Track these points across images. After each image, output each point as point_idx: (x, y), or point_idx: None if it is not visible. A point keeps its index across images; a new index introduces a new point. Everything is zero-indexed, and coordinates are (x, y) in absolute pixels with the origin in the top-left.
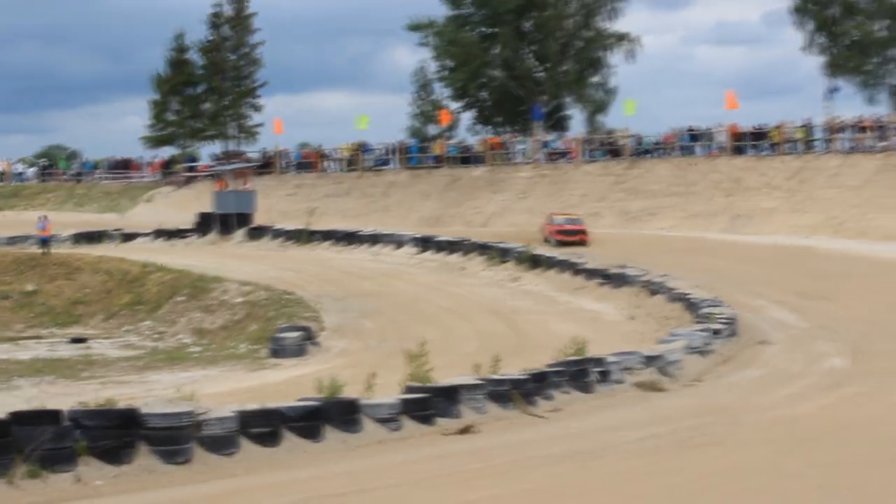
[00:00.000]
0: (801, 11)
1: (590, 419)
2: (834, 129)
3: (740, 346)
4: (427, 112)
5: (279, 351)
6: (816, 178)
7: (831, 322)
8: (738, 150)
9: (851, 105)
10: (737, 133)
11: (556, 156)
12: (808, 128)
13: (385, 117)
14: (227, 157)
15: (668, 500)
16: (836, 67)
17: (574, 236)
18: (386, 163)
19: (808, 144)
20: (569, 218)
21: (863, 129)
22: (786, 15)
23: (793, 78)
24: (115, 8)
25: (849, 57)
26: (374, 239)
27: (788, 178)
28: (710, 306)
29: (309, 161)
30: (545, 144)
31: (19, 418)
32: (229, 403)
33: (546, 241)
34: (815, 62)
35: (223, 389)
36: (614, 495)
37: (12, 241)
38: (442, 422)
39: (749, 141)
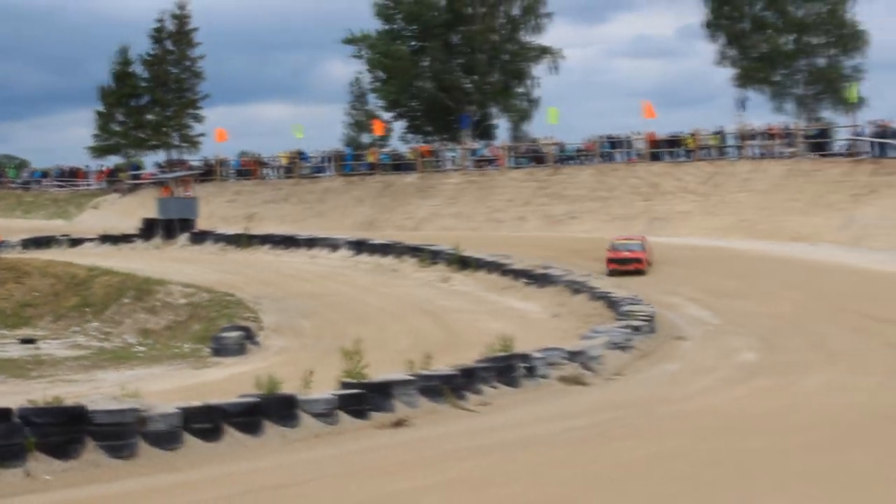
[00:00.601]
0: (712, 26)
1: (516, 412)
2: (745, 136)
3: (658, 342)
4: (361, 122)
5: (221, 350)
6: (728, 182)
7: (743, 318)
8: (655, 157)
9: (761, 114)
10: (654, 140)
11: (483, 163)
12: (720, 135)
13: (321, 127)
14: (170, 165)
15: (589, 488)
16: (746, 79)
17: (628, 265)
18: (322, 170)
19: (721, 151)
20: (625, 243)
21: (771, 137)
22: (698, 29)
23: (706, 89)
24: (61, 22)
25: (758, 69)
26: (310, 243)
27: (702, 183)
28: (630, 304)
29: (248, 169)
30: (473, 152)
31: None
32: (173, 400)
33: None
34: (726, 74)
35: (167, 387)
36: (538, 484)
37: None
38: (376, 416)
39: (665, 148)
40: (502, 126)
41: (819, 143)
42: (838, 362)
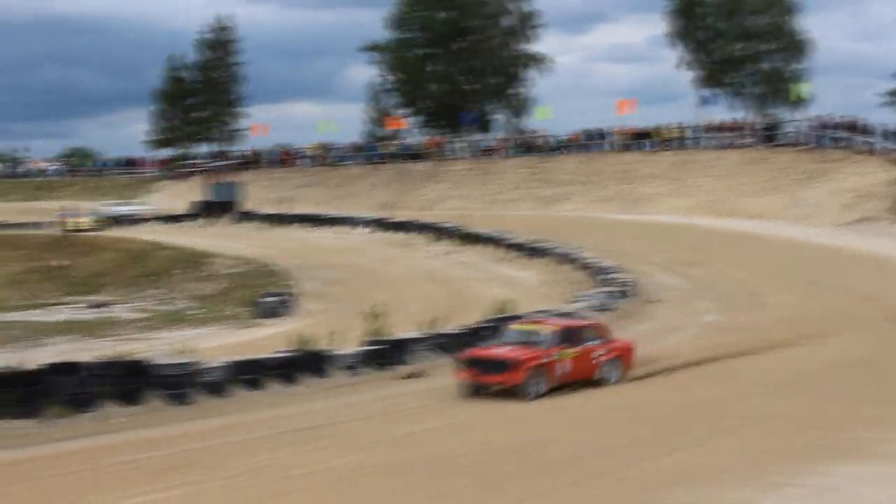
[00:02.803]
0: (673, 36)
1: None
2: (706, 129)
3: (636, 305)
4: (379, 118)
5: (261, 313)
6: (693, 168)
7: (707, 285)
8: (629, 147)
9: (719, 110)
10: (627, 133)
11: (484, 152)
12: (681, 129)
13: (345, 122)
14: (216, 155)
15: (571, 429)
16: (706, 80)
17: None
18: (346, 159)
19: (682, 141)
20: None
21: (729, 130)
22: (664, 39)
23: (671, 89)
24: (125, 34)
25: (716, 72)
26: (336, 221)
27: (670, 169)
28: (611, 272)
29: (283, 158)
30: (476, 143)
31: (50, 369)
32: (222, 355)
33: None
34: (688, 76)
35: (217, 344)
36: (524, 428)
37: (42, 225)
38: (394, 368)
39: (637, 139)
40: (500, 121)
41: (769, 136)
42: (786, 321)
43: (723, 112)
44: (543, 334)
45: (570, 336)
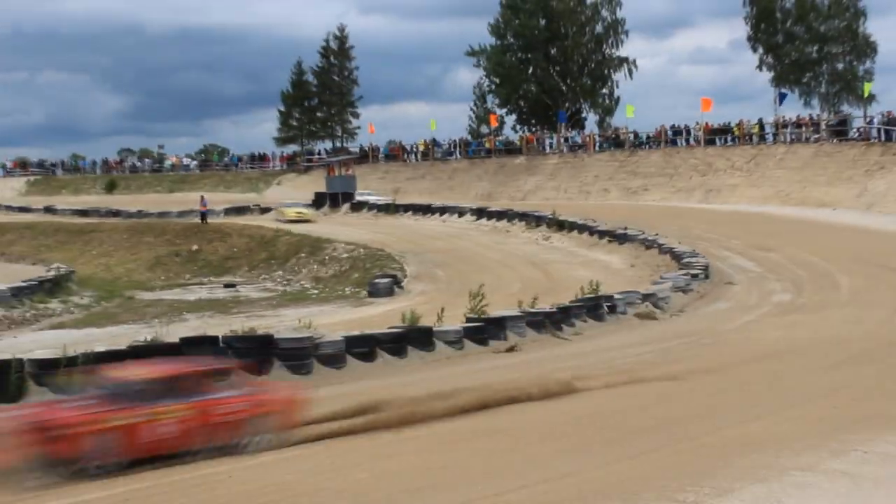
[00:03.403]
0: (753, 39)
1: (601, 340)
2: (781, 125)
3: (712, 286)
4: (481, 116)
5: (374, 292)
6: (768, 161)
7: (779, 268)
8: (710, 142)
9: (794, 107)
10: (708, 129)
11: (576, 147)
12: (760, 125)
13: (451, 121)
14: (335, 151)
15: (658, 399)
16: (781, 80)
17: None
18: (451, 154)
19: (761, 137)
20: None
21: (801, 125)
22: (744, 42)
23: (750, 88)
24: (253, 42)
25: (790, 72)
26: (442, 210)
27: (747, 162)
28: (690, 257)
29: (394, 153)
30: (567, 139)
31: (188, 342)
32: (339, 330)
33: None
34: (765, 77)
35: (334, 321)
36: (620, 396)
37: (182, 214)
38: (493, 343)
39: (718, 135)
40: (590, 119)
41: (839, 131)
42: (854, 302)
43: (797, 109)
44: (130, 384)
45: (176, 386)
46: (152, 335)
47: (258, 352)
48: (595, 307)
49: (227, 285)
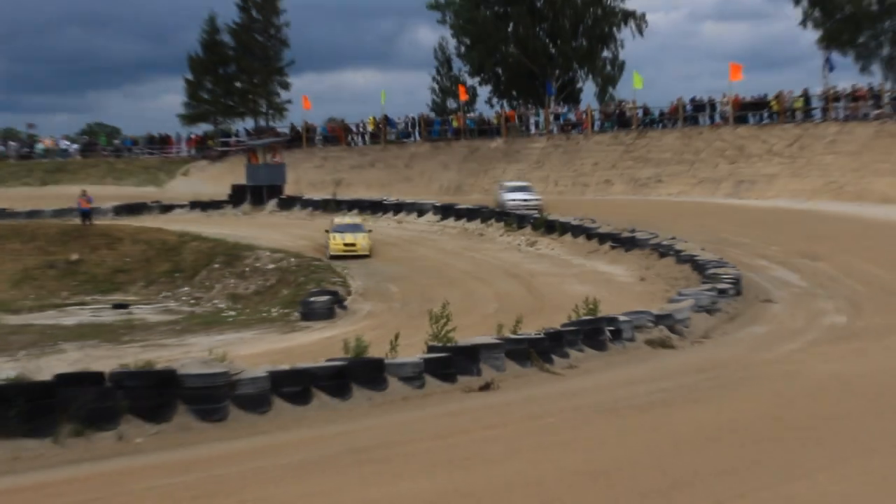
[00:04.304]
0: None
1: (603, 375)
2: (831, 98)
3: (745, 305)
4: (447, 87)
5: (309, 314)
6: (815, 144)
7: (831, 281)
8: (741, 120)
9: (847, 76)
10: (739, 103)
11: (568, 127)
12: (806, 97)
13: (408, 93)
14: (258, 132)
15: (674, 452)
16: (831, 41)
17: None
18: (408, 135)
19: (807, 113)
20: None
21: (857, 98)
22: None
23: (793, 51)
24: None
25: (843, 30)
26: (397, 207)
27: (789, 145)
28: (716, 267)
29: (335, 135)
30: (558, 116)
31: (64, 380)
32: (262, 364)
33: None
34: (811, 36)
35: (257, 351)
36: (626, 446)
37: (58, 213)
38: (463, 379)
39: (750, 111)
40: (587, 90)
41: None
42: None
43: (852, 77)
44: None
45: None
46: (16, 371)
47: (157, 393)
48: (594, 332)
49: (116, 306)
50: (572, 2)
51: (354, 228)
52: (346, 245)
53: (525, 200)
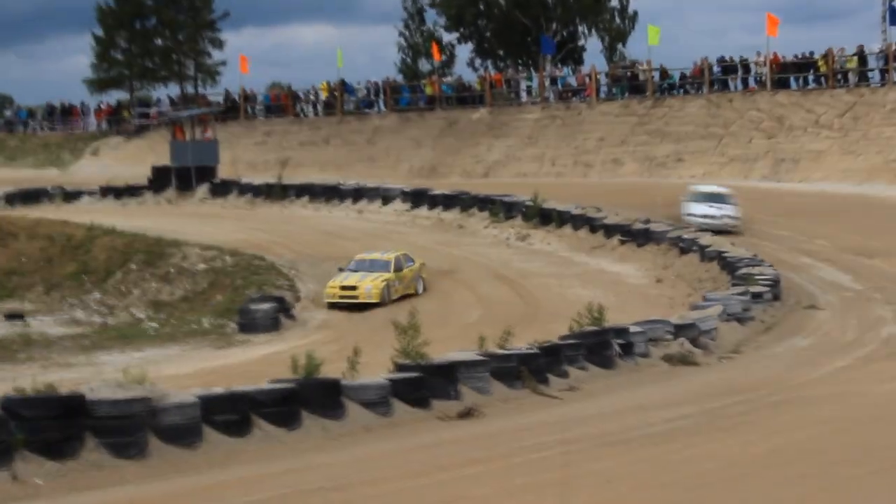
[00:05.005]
0: None
1: (610, 399)
2: (892, 57)
3: (785, 312)
4: (418, 45)
5: (249, 325)
6: (872, 114)
7: (889, 283)
8: (780, 84)
9: None
10: (778, 64)
11: (568, 94)
12: (861, 56)
13: (370, 52)
14: (185, 101)
15: (698, 492)
16: None
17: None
18: (371, 105)
19: (863, 76)
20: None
21: None
22: None
23: (844, 0)
24: None
25: None
26: (357, 194)
27: (839, 115)
28: (749, 265)
29: (280, 104)
30: (555, 81)
31: None
32: (191, 387)
33: None
34: None
35: (185, 371)
36: (637, 486)
37: None
38: (439, 404)
39: (792, 73)
40: (591, 48)
41: None
42: None
43: None
44: None
45: None
46: None
47: (61, 423)
48: (600, 346)
49: (9, 316)
50: None
51: (377, 266)
52: (343, 289)
53: (712, 218)
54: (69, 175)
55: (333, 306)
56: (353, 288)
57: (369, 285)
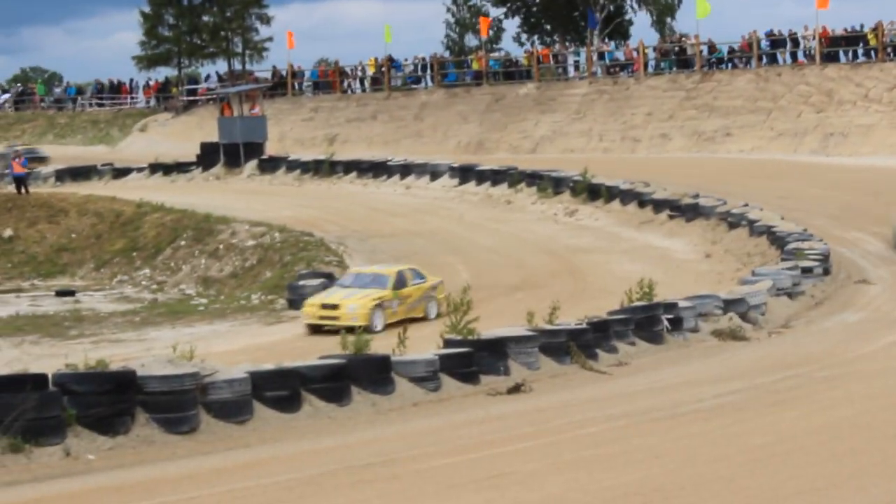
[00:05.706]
0: None
1: (659, 374)
2: None
3: (835, 287)
4: (465, 20)
5: (298, 301)
6: None
7: None
8: (830, 58)
9: None
10: (827, 37)
11: (615, 69)
12: None
13: (417, 29)
14: (233, 77)
15: (748, 466)
16: None
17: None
18: (418, 81)
19: None
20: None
21: None
22: None
23: None
24: None
25: None
26: (405, 170)
27: (889, 90)
28: (798, 240)
29: (328, 80)
30: (602, 55)
31: None
32: (241, 363)
33: None
34: None
35: (234, 347)
36: (687, 461)
37: None
38: (488, 380)
39: (842, 46)
40: (640, 23)
41: None
42: None
43: None
44: None
45: None
46: None
47: (112, 399)
48: (649, 321)
49: (60, 292)
50: None
51: (373, 282)
52: (323, 308)
53: None
54: (118, 152)
55: (316, 329)
56: (335, 307)
57: (354, 304)
